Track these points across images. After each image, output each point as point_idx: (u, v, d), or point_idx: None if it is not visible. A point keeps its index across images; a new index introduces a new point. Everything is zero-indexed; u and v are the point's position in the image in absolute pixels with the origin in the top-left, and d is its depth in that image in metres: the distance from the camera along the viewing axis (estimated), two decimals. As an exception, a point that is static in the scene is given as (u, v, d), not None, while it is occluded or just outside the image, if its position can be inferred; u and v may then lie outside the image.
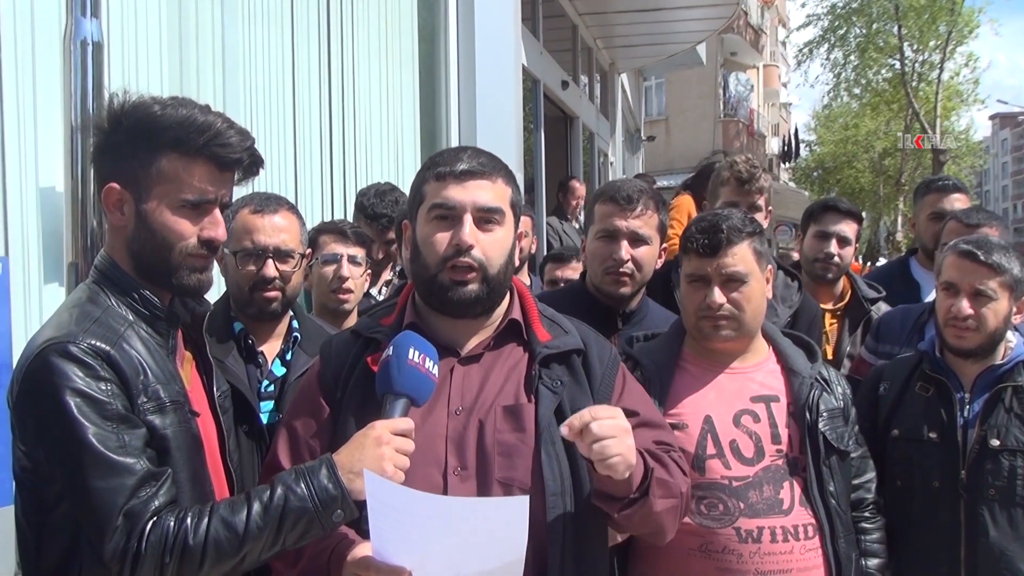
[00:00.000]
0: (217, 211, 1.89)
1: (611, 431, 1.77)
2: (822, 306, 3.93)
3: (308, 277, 3.30)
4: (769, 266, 2.55)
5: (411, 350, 1.84)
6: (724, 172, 3.68)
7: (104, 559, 1.67)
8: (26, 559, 1.88)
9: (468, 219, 1.96)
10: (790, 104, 48.98)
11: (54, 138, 3.67)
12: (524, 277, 4.66)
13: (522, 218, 4.74)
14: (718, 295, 2.39)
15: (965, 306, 2.72)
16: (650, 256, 2.90)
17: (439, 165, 2.01)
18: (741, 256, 2.41)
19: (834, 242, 3.86)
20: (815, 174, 41.95)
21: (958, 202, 4.03)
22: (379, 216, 4.04)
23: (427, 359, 1.85)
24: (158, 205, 1.84)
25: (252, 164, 1.92)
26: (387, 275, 4.16)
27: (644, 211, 2.87)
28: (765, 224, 3.69)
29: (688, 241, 2.47)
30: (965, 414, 2.76)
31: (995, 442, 2.70)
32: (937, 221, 3.89)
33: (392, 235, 4.02)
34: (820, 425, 2.39)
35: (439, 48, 6.88)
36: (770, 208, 3.69)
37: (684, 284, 2.50)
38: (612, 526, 2.05)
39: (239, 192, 2.12)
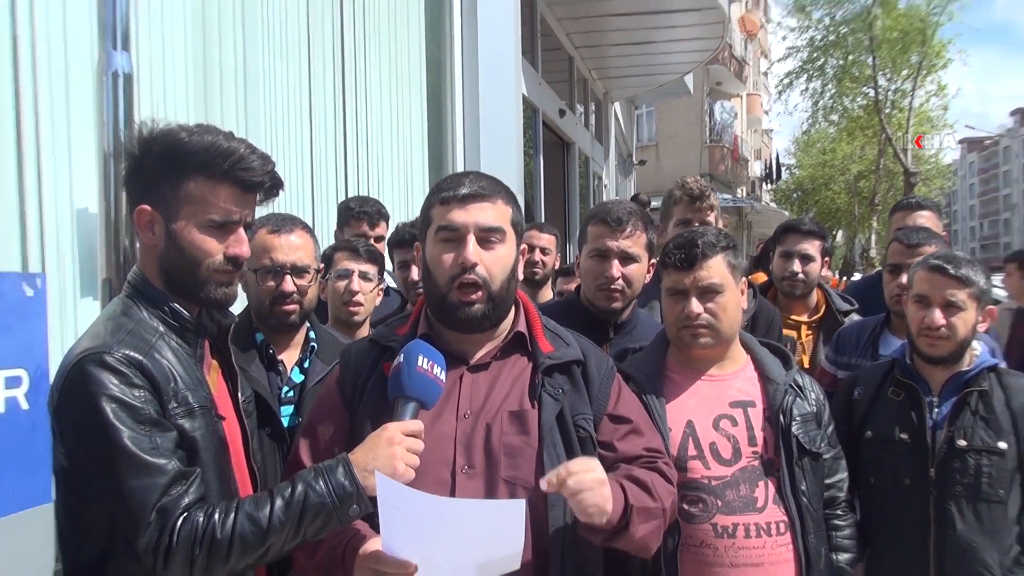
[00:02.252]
0: (241, 230, 1.91)
1: (586, 484, 1.80)
2: (796, 318, 3.95)
3: (324, 290, 3.33)
4: (743, 278, 2.57)
5: (420, 357, 1.86)
6: (677, 192, 3.74)
7: (139, 552, 1.68)
8: (66, 553, 1.89)
9: (471, 239, 1.98)
10: (771, 130, 48.95)
11: (88, 163, 3.69)
12: (547, 291, 4.67)
13: (547, 236, 4.81)
14: (695, 305, 2.41)
15: (938, 316, 2.73)
16: (639, 272, 2.92)
17: (444, 190, 2.04)
18: (716, 269, 2.44)
19: (797, 261, 3.90)
20: (795, 195, 41.94)
21: (922, 219, 3.99)
22: (363, 213, 4.23)
23: (435, 366, 1.88)
24: (186, 225, 1.85)
25: (273, 186, 1.94)
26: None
27: (633, 232, 2.89)
28: None
29: (666, 256, 2.50)
30: (934, 416, 2.77)
31: (962, 442, 2.71)
32: None
33: (380, 230, 4.24)
34: (793, 429, 2.40)
35: (445, 78, 6.92)
36: (720, 224, 3.74)
37: (665, 297, 2.52)
38: None
39: (260, 212, 2.14)
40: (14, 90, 3.49)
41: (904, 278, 3.31)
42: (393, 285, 4.13)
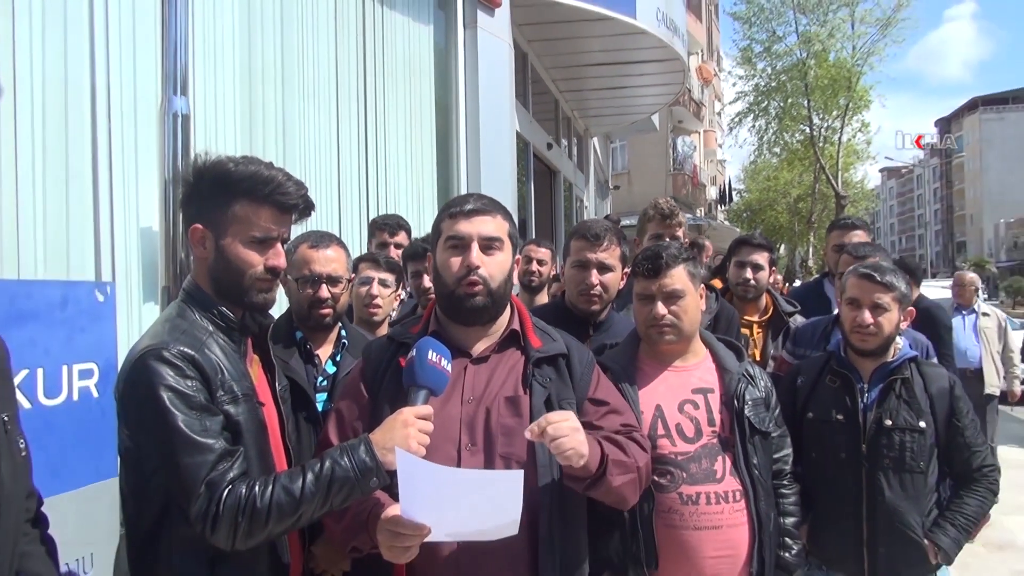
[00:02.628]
0: (279, 245, 1.89)
1: (563, 431, 1.78)
2: (749, 319, 3.94)
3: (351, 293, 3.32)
4: (702, 285, 2.56)
5: (430, 352, 1.84)
6: (650, 211, 3.74)
7: (190, 520, 1.66)
8: (127, 520, 1.87)
9: (475, 246, 1.98)
10: (724, 161, 49.01)
11: (151, 189, 3.69)
12: (543, 297, 4.63)
13: (544, 249, 4.77)
14: (661, 308, 2.40)
15: (867, 316, 2.72)
16: (614, 280, 2.91)
17: (452, 207, 2.04)
18: (678, 277, 2.42)
19: (749, 270, 3.89)
20: (745, 215, 42.02)
21: (856, 236, 4.00)
22: (384, 224, 4.30)
23: (443, 359, 1.85)
24: (233, 241, 1.84)
25: (306, 208, 1.92)
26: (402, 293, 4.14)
27: (609, 245, 2.88)
28: None
29: (636, 266, 2.49)
30: (864, 400, 2.74)
31: (888, 422, 2.69)
32: (839, 252, 3.85)
33: (400, 238, 4.26)
34: (746, 411, 2.38)
35: (451, 118, 6.93)
36: (687, 239, 3.76)
37: (635, 301, 2.51)
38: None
39: (297, 230, 2.12)
40: (91, 126, 3.49)
41: None
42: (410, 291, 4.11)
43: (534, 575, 1.88)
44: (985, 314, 7.94)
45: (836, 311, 3.36)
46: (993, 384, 7.68)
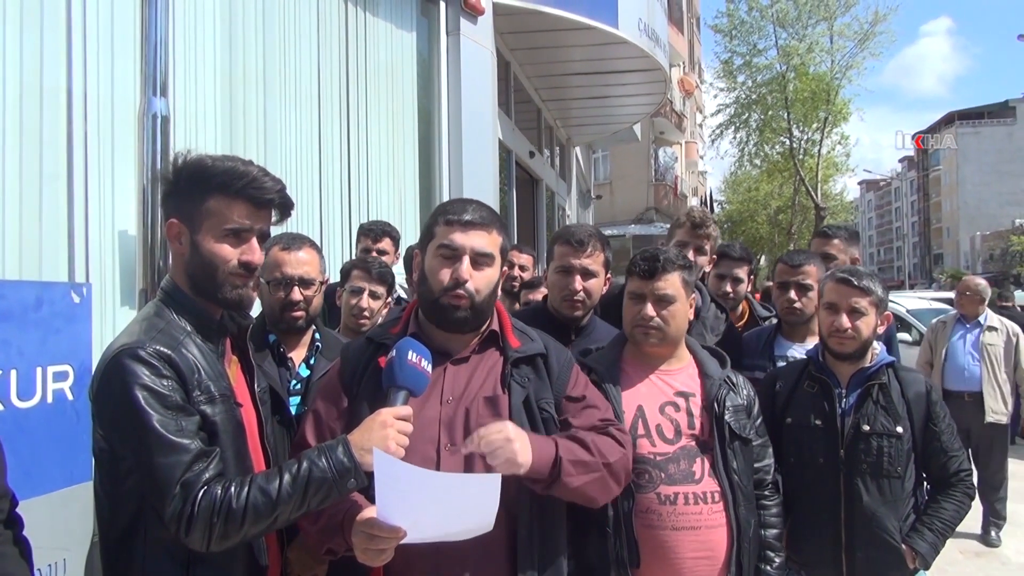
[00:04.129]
0: (255, 240, 1.87)
1: (496, 443, 1.79)
2: None
3: (340, 298, 3.31)
4: (694, 294, 2.56)
5: (410, 352, 1.83)
6: (682, 217, 3.64)
7: (165, 521, 1.64)
8: (101, 522, 1.84)
9: (466, 260, 1.96)
10: (706, 172, 49.34)
11: (129, 192, 3.65)
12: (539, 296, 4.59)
13: (526, 256, 4.72)
14: (650, 310, 2.41)
15: (845, 320, 2.74)
16: (597, 286, 2.91)
17: (449, 213, 2.01)
18: (671, 282, 2.43)
19: (729, 282, 3.91)
20: (726, 226, 42.26)
21: (832, 247, 3.88)
22: (369, 230, 4.36)
23: (423, 359, 1.85)
24: (207, 235, 1.82)
25: (283, 204, 1.91)
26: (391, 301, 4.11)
27: (593, 251, 2.88)
28: (708, 267, 3.68)
29: (632, 266, 2.48)
30: (842, 405, 2.76)
31: (866, 427, 2.70)
32: (824, 260, 3.72)
33: (383, 244, 4.30)
34: (726, 417, 2.39)
35: (434, 124, 6.93)
36: (714, 256, 3.64)
37: (626, 299, 2.51)
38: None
39: (277, 231, 2.10)
40: (67, 128, 3.45)
41: (792, 292, 3.34)
42: (404, 295, 4.09)
43: (512, 574, 1.87)
44: (992, 327, 6.61)
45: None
46: (995, 411, 6.40)
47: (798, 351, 3.26)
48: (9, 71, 3.26)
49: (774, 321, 3.63)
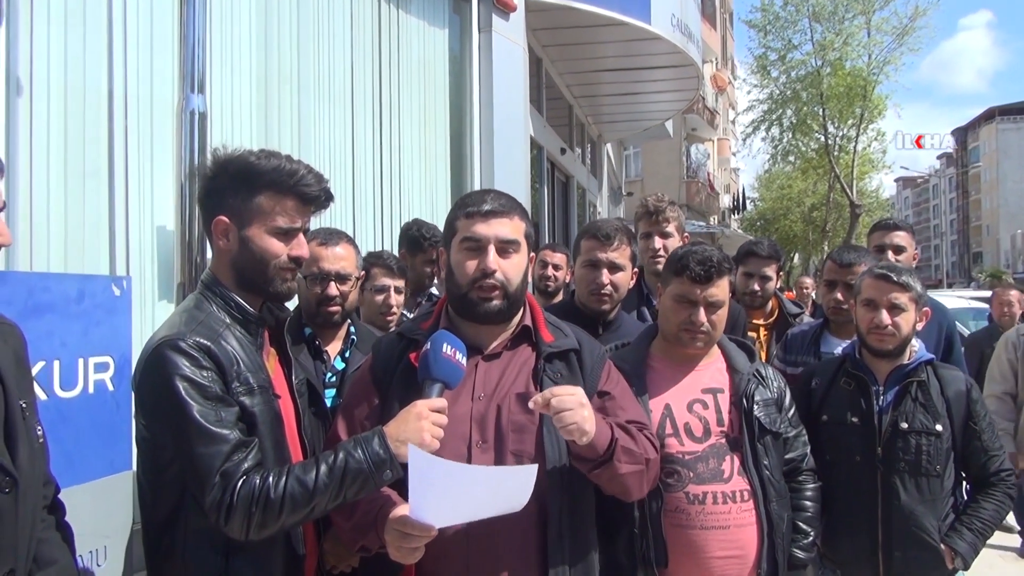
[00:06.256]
0: (302, 235, 1.92)
1: (567, 404, 1.76)
2: (755, 321, 3.94)
3: (363, 294, 3.31)
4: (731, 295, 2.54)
5: (445, 345, 1.84)
6: (639, 209, 3.58)
7: (205, 509, 1.67)
8: (143, 511, 1.87)
9: (492, 249, 1.95)
10: (738, 169, 48.90)
11: (167, 187, 3.71)
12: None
13: (560, 255, 4.67)
14: (703, 315, 2.37)
15: (885, 317, 2.70)
16: (625, 280, 2.90)
17: (468, 205, 2.01)
18: (722, 288, 2.40)
19: (757, 281, 3.88)
20: (758, 223, 41.92)
21: (898, 238, 3.74)
22: (425, 238, 3.91)
23: (458, 352, 1.85)
24: (258, 231, 1.85)
25: (326, 199, 1.94)
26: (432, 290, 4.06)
27: (620, 245, 2.87)
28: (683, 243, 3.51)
29: (683, 268, 2.39)
30: (880, 403, 2.73)
31: (904, 425, 2.67)
32: (880, 252, 3.65)
33: (433, 256, 3.93)
34: (755, 411, 2.36)
35: (466, 122, 6.94)
36: (686, 234, 3.55)
37: (670, 301, 2.43)
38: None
39: (312, 223, 2.13)
40: (108, 125, 3.52)
41: (839, 292, 3.31)
42: (436, 292, 4.01)
43: (543, 572, 1.87)
44: None
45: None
46: None
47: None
48: (54, 71, 3.34)
49: (806, 318, 3.60)
